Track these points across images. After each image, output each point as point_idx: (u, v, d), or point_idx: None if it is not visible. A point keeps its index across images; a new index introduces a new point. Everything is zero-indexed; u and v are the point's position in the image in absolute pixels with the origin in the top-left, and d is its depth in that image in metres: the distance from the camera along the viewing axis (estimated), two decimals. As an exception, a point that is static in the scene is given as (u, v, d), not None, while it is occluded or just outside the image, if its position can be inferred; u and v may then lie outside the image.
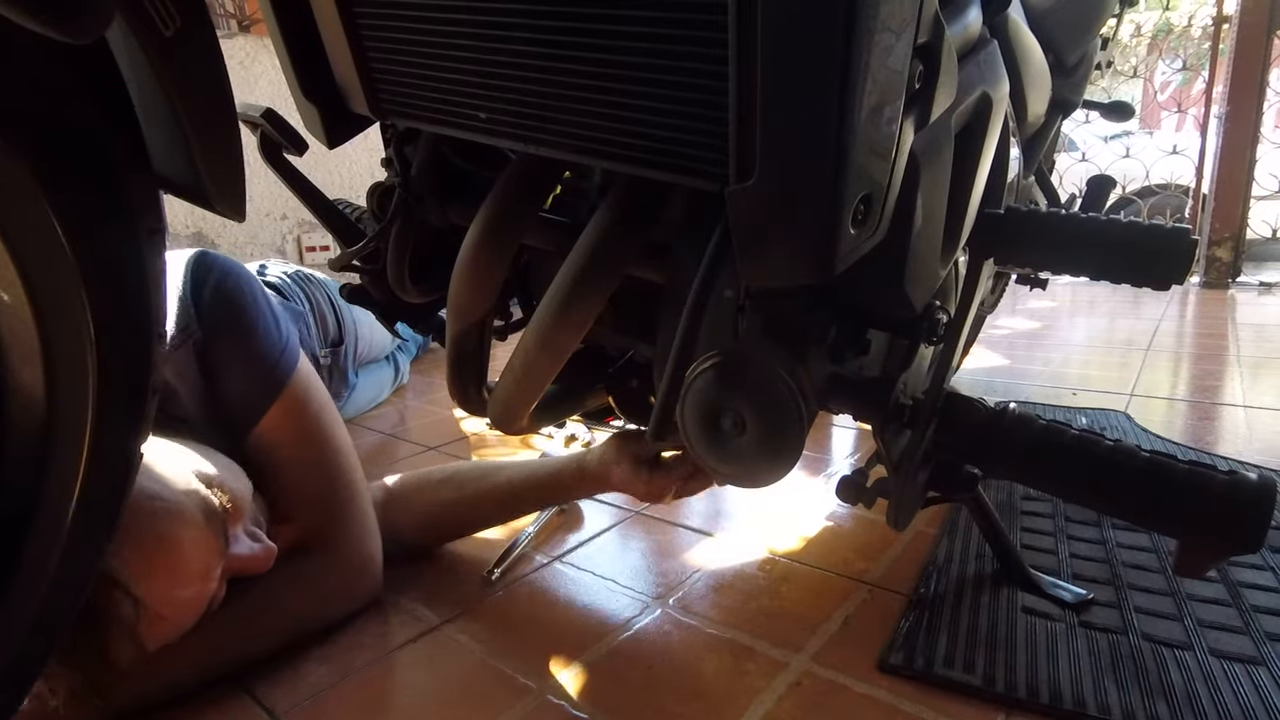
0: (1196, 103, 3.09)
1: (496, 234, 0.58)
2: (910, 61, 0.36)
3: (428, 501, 0.90)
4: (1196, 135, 3.01)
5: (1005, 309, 2.60)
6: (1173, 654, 0.67)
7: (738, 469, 0.47)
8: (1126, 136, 3.68)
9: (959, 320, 0.50)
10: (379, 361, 1.74)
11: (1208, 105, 2.95)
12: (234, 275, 0.77)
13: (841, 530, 0.97)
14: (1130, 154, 3.20)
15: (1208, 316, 2.36)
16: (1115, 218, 0.49)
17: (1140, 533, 0.90)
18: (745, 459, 0.45)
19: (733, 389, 0.43)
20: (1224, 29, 2.87)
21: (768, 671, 0.69)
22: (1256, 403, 1.43)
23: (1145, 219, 0.67)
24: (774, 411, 0.43)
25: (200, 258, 0.77)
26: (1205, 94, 2.96)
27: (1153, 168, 3.19)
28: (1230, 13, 2.83)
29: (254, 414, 0.75)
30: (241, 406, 0.75)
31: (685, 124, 0.40)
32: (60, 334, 0.35)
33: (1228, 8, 2.86)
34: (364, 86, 0.56)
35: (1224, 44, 2.85)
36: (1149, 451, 0.47)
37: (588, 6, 0.40)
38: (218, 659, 0.69)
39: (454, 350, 0.65)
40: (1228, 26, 2.84)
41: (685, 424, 0.47)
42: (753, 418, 0.44)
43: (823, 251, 0.37)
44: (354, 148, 0.60)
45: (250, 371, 0.75)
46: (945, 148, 0.45)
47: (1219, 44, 2.88)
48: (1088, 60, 1.08)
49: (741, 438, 0.45)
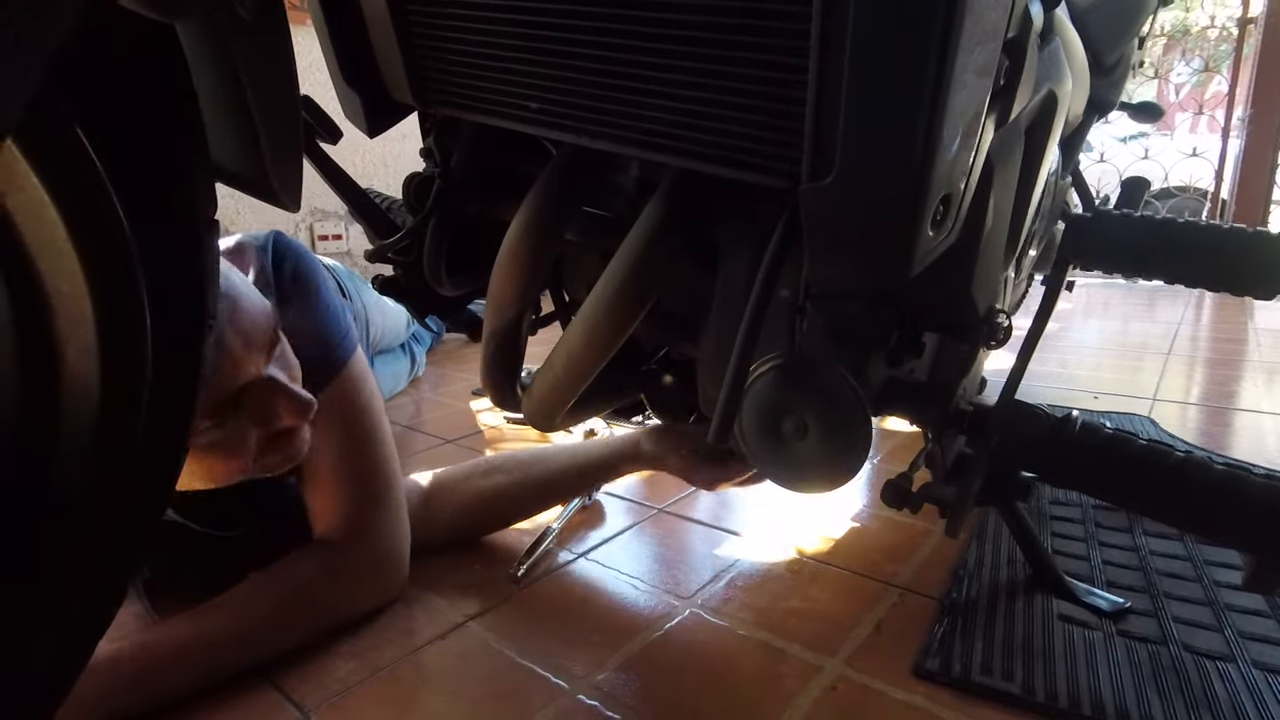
0: (1212, 105, 3.06)
1: (541, 228, 0.57)
2: (999, 57, 0.35)
3: (477, 489, 0.91)
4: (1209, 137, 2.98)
5: (1017, 311, 2.58)
6: (1215, 666, 0.66)
7: (797, 474, 0.46)
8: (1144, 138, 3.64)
9: (1040, 325, 0.48)
10: (394, 351, 1.73)
11: (1229, 108, 2.92)
12: (310, 261, 0.81)
13: (867, 531, 0.96)
14: (1149, 155, 3.17)
15: (1225, 321, 2.34)
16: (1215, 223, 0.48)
17: (1174, 539, 0.89)
18: (806, 464, 0.44)
19: (797, 392, 0.42)
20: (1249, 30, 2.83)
21: (801, 675, 0.68)
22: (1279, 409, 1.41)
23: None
24: (839, 416, 0.41)
25: (280, 238, 0.80)
26: (1228, 96, 2.93)
27: (1171, 170, 3.16)
28: (1255, 14, 2.80)
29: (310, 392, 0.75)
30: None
31: (754, 118, 0.39)
32: (118, 325, 0.34)
33: (1253, 9, 2.83)
34: (408, 74, 0.55)
35: (1248, 46, 2.81)
36: (1223, 463, 0.46)
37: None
38: (245, 649, 0.69)
39: (491, 345, 0.64)
40: (1252, 28, 2.81)
41: (743, 426, 0.46)
42: (816, 422, 0.42)
43: (901, 254, 0.36)
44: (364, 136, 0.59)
45: (309, 353, 0.75)
46: (1016, 147, 0.44)
47: (1243, 46, 2.85)
48: (1125, 60, 1.06)
49: (803, 442, 0.44)
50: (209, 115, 0.34)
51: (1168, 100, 3.80)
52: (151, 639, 0.65)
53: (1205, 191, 3.17)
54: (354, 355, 0.81)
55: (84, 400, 0.35)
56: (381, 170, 2.85)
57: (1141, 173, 3.20)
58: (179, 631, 0.66)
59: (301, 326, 0.76)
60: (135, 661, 0.63)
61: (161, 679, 0.64)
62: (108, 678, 0.61)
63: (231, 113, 0.33)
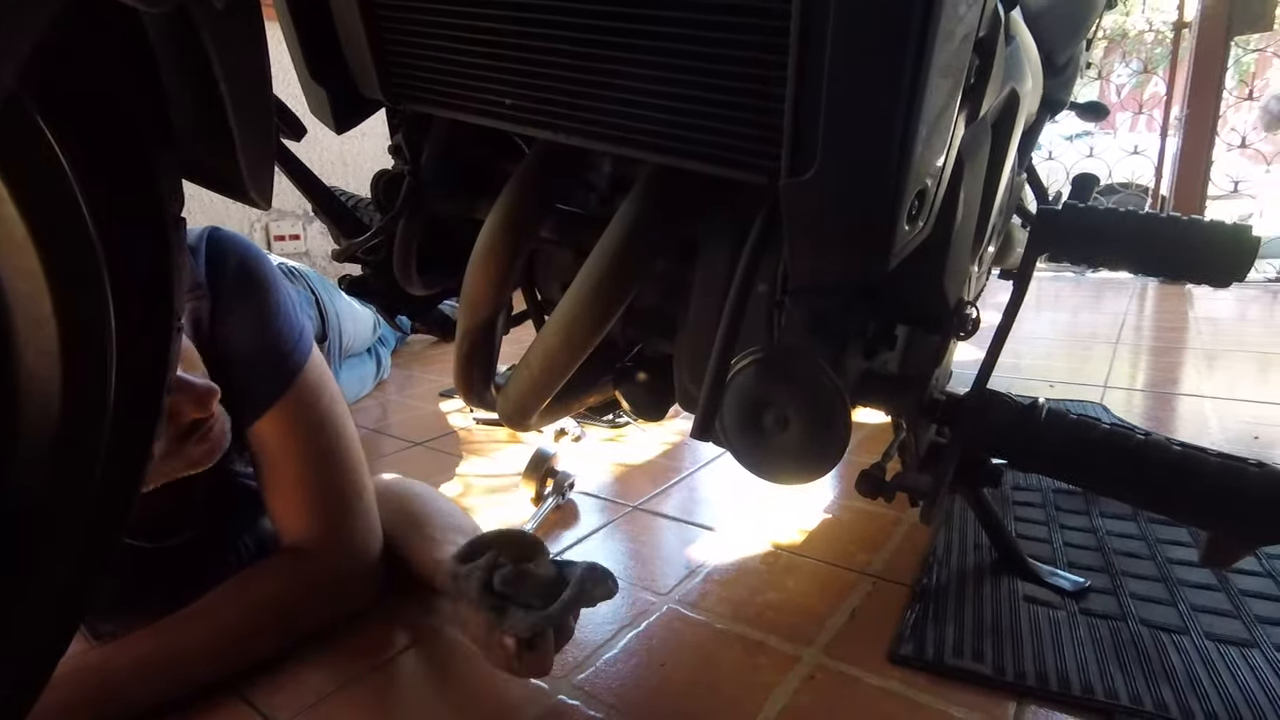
0: (1151, 105, 3.19)
1: (515, 226, 0.56)
2: (970, 55, 0.36)
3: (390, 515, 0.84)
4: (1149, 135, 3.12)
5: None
6: (1171, 639, 0.69)
7: (778, 466, 0.46)
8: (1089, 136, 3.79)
9: (1011, 316, 0.50)
10: (360, 355, 1.70)
11: (1167, 108, 3.05)
12: (255, 254, 0.74)
13: (840, 522, 0.98)
14: (1094, 153, 3.30)
15: (1168, 310, 2.44)
16: (1175, 215, 0.50)
17: (1129, 520, 0.93)
18: (787, 456, 0.45)
19: (777, 385, 0.43)
20: (1183, 34, 2.97)
21: (780, 666, 0.69)
22: (1219, 393, 1.48)
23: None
24: (819, 408, 0.42)
25: (217, 233, 0.73)
26: (1166, 97, 3.06)
27: (1115, 167, 3.29)
28: (1190, 19, 2.93)
29: (264, 401, 0.72)
30: (251, 391, 0.72)
31: (733, 114, 0.39)
32: (81, 327, 0.33)
33: (1188, 14, 2.96)
34: (377, 69, 0.54)
35: (1182, 49, 2.95)
36: (1179, 445, 0.48)
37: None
38: (213, 660, 0.67)
39: (466, 344, 0.63)
40: (1187, 31, 2.94)
41: (724, 421, 0.46)
42: (797, 414, 0.43)
43: (880, 247, 0.36)
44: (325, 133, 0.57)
45: (264, 357, 0.71)
46: (984, 143, 0.45)
47: (1178, 49, 2.98)
48: (1075, 60, 1.10)
49: (784, 434, 0.44)
50: (177, 110, 0.33)
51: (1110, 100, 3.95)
52: (116, 652, 0.63)
53: (1147, 187, 3.31)
54: (311, 356, 0.76)
55: (44, 403, 0.33)
56: (341, 168, 2.78)
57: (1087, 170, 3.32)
58: (144, 644, 0.64)
59: (253, 329, 0.71)
60: (99, 674, 0.61)
61: (125, 693, 0.61)
62: (70, 691, 0.58)
63: (202, 107, 0.32)
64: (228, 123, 0.31)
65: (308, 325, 0.78)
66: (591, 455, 1.27)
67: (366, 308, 1.68)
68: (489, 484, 1.18)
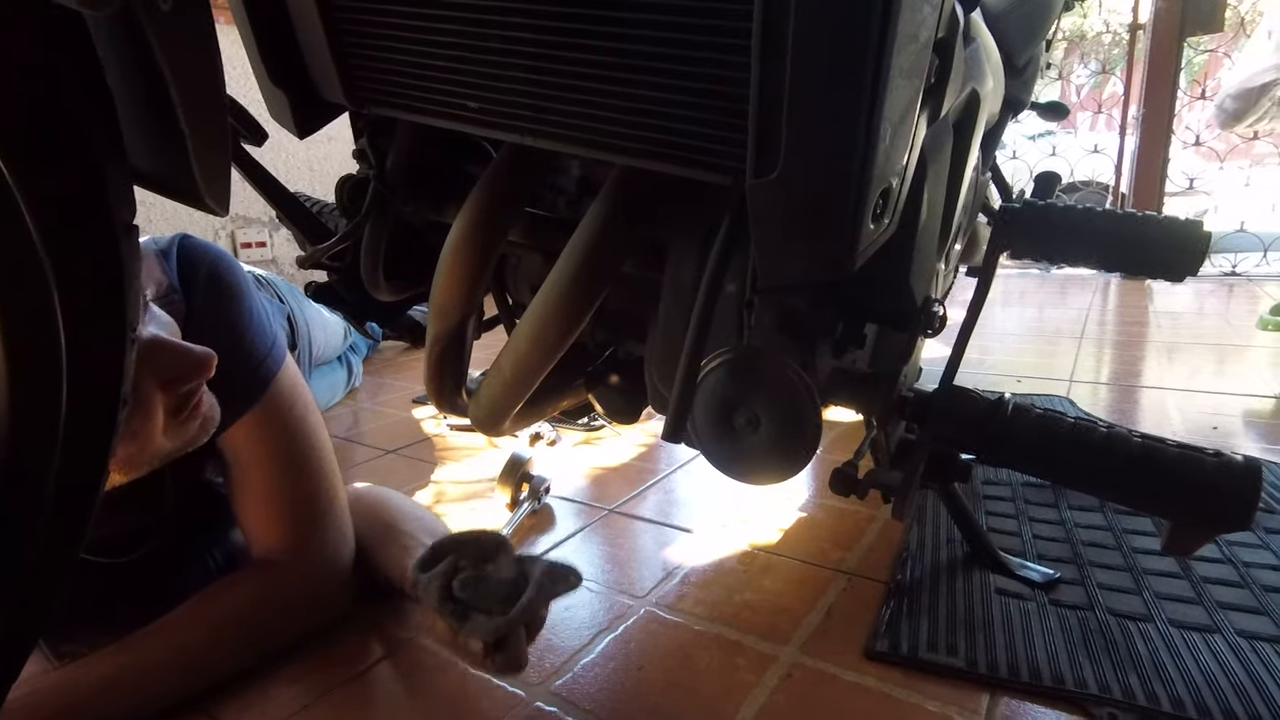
0: (1110, 105, 3.28)
1: (483, 230, 0.56)
2: (930, 55, 0.36)
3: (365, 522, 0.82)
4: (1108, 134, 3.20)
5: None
6: (1136, 627, 0.71)
7: (750, 466, 0.46)
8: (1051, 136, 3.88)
9: (975, 312, 0.51)
10: (331, 363, 1.67)
11: (1125, 107, 3.13)
12: (227, 263, 0.72)
13: (814, 521, 0.99)
14: (1056, 152, 3.38)
15: (1130, 306, 2.51)
16: (1132, 212, 0.51)
17: (1096, 511, 0.95)
18: (759, 456, 0.45)
19: (747, 386, 0.43)
20: (1138, 35, 3.05)
21: (758, 665, 0.69)
22: (1179, 385, 1.52)
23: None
24: (789, 408, 0.42)
25: (188, 241, 0.72)
26: (1124, 96, 3.14)
27: (1076, 165, 3.38)
28: (1144, 20, 3.01)
29: (236, 409, 0.70)
30: (223, 400, 0.70)
31: (699, 116, 0.40)
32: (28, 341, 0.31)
33: (1142, 16, 3.04)
34: (339, 72, 0.53)
35: (1138, 50, 3.03)
36: (1140, 437, 0.49)
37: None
38: (179, 678, 0.65)
39: (436, 350, 0.62)
40: (1141, 33, 3.03)
41: (695, 422, 0.46)
42: (768, 414, 0.43)
43: (845, 246, 0.37)
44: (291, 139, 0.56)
45: (236, 365, 0.69)
46: (946, 142, 0.45)
47: (1134, 50, 3.06)
48: (1035, 61, 1.13)
49: (755, 434, 0.45)
50: (126, 114, 0.32)
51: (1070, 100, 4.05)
52: (77, 672, 0.61)
53: (1107, 185, 3.40)
54: (284, 364, 0.75)
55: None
56: (308, 174, 2.74)
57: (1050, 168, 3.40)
58: (107, 663, 0.62)
59: (225, 338, 0.70)
60: (59, 695, 0.58)
61: (88, 715, 0.59)
62: (28, 715, 0.56)
63: (150, 111, 0.31)
64: (179, 126, 0.30)
65: (280, 334, 0.77)
66: (567, 459, 1.26)
67: (336, 315, 1.66)
68: (464, 490, 1.16)
